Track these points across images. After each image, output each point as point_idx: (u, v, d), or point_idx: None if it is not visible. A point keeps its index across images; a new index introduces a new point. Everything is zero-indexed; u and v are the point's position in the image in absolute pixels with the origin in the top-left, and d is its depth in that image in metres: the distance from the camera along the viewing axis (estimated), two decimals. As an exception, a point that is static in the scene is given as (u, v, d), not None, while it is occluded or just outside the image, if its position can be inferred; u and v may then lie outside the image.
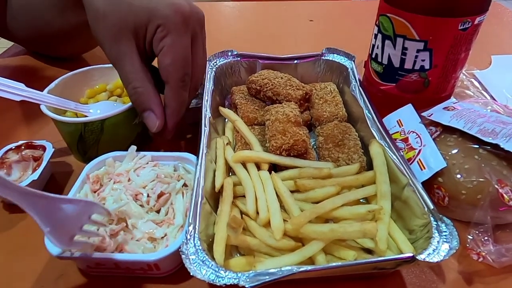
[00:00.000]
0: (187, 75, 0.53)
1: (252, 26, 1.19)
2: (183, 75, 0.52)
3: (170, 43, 0.50)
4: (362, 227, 0.42)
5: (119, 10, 0.50)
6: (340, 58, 0.73)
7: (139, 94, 0.52)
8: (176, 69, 0.51)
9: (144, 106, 0.53)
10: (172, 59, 0.50)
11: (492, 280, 0.46)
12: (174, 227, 0.46)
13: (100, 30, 0.51)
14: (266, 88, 0.66)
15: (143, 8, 0.50)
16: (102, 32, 0.51)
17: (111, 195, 0.48)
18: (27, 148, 0.58)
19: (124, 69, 0.52)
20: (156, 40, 0.50)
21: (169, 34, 0.50)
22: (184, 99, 0.54)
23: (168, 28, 0.50)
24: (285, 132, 0.55)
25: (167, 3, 0.50)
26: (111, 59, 0.52)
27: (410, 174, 0.48)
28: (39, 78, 0.88)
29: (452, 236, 0.41)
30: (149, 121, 0.53)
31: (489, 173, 0.47)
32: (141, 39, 0.51)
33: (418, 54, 0.60)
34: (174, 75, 0.51)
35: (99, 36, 0.51)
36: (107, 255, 0.42)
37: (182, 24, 0.51)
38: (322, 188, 0.49)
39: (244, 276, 0.37)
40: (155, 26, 0.50)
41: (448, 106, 0.59)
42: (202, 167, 0.49)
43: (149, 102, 0.52)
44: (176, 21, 0.50)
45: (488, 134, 0.50)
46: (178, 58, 0.51)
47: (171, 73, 0.51)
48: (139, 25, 0.50)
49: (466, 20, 0.56)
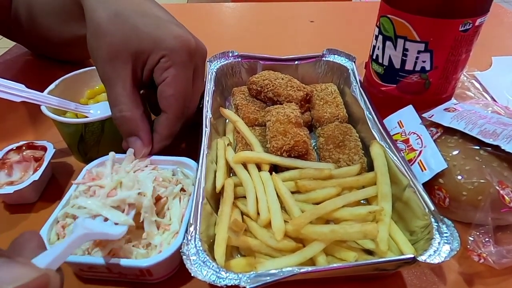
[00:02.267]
0: (186, 107, 0.53)
1: (253, 27, 1.19)
2: (183, 107, 0.52)
3: (174, 74, 0.50)
4: (363, 228, 0.42)
5: (122, 30, 0.49)
6: (340, 59, 0.73)
7: (126, 119, 0.51)
8: (177, 101, 0.51)
9: (130, 132, 0.52)
10: (175, 90, 0.50)
11: (493, 282, 0.46)
12: (169, 233, 0.45)
13: (97, 46, 0.50)
14: (267, 89, 0.66)
15: (149, 35, 0.49)
16: (100, 48, 0.50)
17: (130, 180, 0.47)
18: (28, 148, 0.58)
19: (114, 90, 0.51)
20: (160, 70, 0.50)
21: (173, 65, 0.50)
22: (177, 129, 0.54)
23: (173, 60, 0.50)
24: (286, 133, 0.55)
25: (174, 35, 0.50)
26: (103, 77, 0.51)
27: (411, 175, 0.48)
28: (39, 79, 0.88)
29: (453, 237, 0.41)
30: (135, 146, 0.52)
31: (490, 174, 0.47)
32: (139, 65, 0.51)
33: (419, 55, 0.60)
34: (174, 107, 0.51)
35: (95, 52, 0.51)
36: (99, 260, 0.42)
37: (187, 57, 0.51)
38: (322, 189, 0.49)
39: (245, 277, 0.37)
40: (160, 56, 0.50)
41: (449, 107, 0.59)
42: (203, 168, 0.49)
43: (136, 128, 0.51)
44: (182, 54, 0.50)
45: (489, 136, 0.50)
46: (181, 90, 0.51)
47: (172, 104, 0.51)
48: (142, 50, 0.50)
49: (467, 22, 0.56)
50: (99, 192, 0.46)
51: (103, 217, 0.43)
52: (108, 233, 0.41)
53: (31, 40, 0.88)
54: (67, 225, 0.46)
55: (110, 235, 0.41)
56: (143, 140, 0.52)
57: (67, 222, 0.46)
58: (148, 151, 0.53)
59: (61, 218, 0.46)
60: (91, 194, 0.47)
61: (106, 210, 0.43)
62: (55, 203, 0.55)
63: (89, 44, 0.52)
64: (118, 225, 0.43)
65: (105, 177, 0.48)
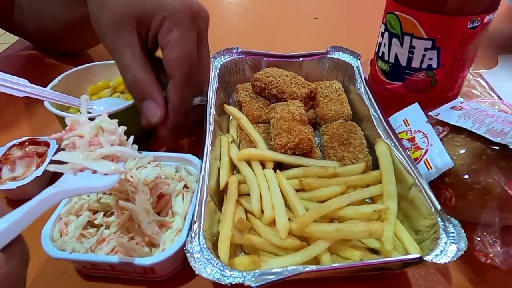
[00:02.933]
0: (191, 71, 0.52)
1: (257, 23, 1.18)
2: (188, 71, 0.51)
3: (177, 37, 0.49)
4: (368, 227, 0.42)
5: None
6: (345, 56, 0.73)
7: (138, 83, 0.50)
8: (182, 64, 0.50)
9: (144, 95, 0.51)
10: (179, 53, 0.50)
11: (499, 282, 0.45)
12: (172, 231, 0.45)
13: (101, 16, 0.50)
14: (271, 86, 0.65)
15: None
16: (104, 19, 0.49)
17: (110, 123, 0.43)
18: (31, 144, 0.58)
19: (124, 57, 0.50)
20: (163, 33, 0.50)
21: (176, 28, 0.49)
22: (186, 95, 0.53)
23: (176, 22, 0.49)
24: (290, 130, 0.54)
25: None
26: (111, 47, 0.51)
27: (416, 174, 0.47)
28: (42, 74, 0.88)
29: (459, 237, 0.40)
30: (149, 110, 0.51)
31: (497, 173, 0.47)
32: (143, 29, 0.50)
33: (425, 52, 0.59)
34: (179, 70, 0.50)
35: (100, 23, 0.50)
36: (102, 258, 0.42)
37: (190, 19, 0.50)
38: (327, 187, 0.49)
39: (250, 275, 0.36)
40: (162, 18, 0.49)
41: (456, 106, 0.58)
42: (207, 165, 0.49)
43: (150, 91, 0.50)
44: (184, 16, 0.49)
45: (496, 134, 0.49)
46: (184, 53, 0.50)
47: (177, 67, 0.50)
48: (145, 14, 0.49)
49: (476, 19, 0.55)
50: (79, 143, 0.40)
51: (91, 170, 0.38)
52: (92, 187, 0.37)
53: (35, 33, 0.88)
54: (70, 222, 0.46)
55: (96, 188, 0.37)
56: (157, 102, 0.50)
57: (70, 219, 0.46)
58: (164, 113, 0.51)
59: (64, 215, 0.46)
60: (69, 147, 0.41)
61: (91, 161, 0.38)
62: (58, 199, 0.55)
63: (92, 17, 0.51)
64: (108, 175, 0.38)
65: (82, 125, 0.41)
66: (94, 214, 0.47)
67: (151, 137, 0.66)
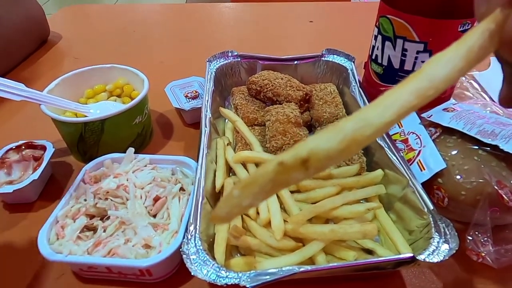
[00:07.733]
0: None
1: (252, 27, 1.19)
2: None
3: None
4: (362, 228, 0.42)
5: None
6: (340, 59, 0.74)
7: None
8: None
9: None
10: None
11: (491, 281, 0.46)
12: (169, 233, 0.45)
13: None
14: (266, 89, 0.66)
15: None
16: None
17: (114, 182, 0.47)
18: (28, 148, 0.58)
19: None
20: None
21: None
22: None
23: None
24: (286, 132, 0.55)
25: None
26: None
27: (410, 175, 0.48)
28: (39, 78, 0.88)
29: (451, 236, 0.41)
30: None
31: (488, 174, 0.47)
32: None
33: (418, 55, 0.60)
34: None
35: None
36: (99, 260, 0.42)
37: None
38: (322, 189, 0.49)
39: (245, 276, 0.37)
40: None
41: (448, 107, 0.59)
42: (203, 168, 0.49)
43: None
44: None
45: (487, 135, 0.50)
46: None
47: None
48: None
49: (466, 22, 0.56)
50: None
51: None
52: None
53: None
54: (66, 225, 0.46)
55: None
56: None
57: (67, 222, 0.46)
58: None
59: (61, 218, 0.46)
60: None
61: None
62: (54, 202, 0.55)
63: None
64: None
65: None
66: (91, 219, 0.47)
67: (148, 140, 0.67)
